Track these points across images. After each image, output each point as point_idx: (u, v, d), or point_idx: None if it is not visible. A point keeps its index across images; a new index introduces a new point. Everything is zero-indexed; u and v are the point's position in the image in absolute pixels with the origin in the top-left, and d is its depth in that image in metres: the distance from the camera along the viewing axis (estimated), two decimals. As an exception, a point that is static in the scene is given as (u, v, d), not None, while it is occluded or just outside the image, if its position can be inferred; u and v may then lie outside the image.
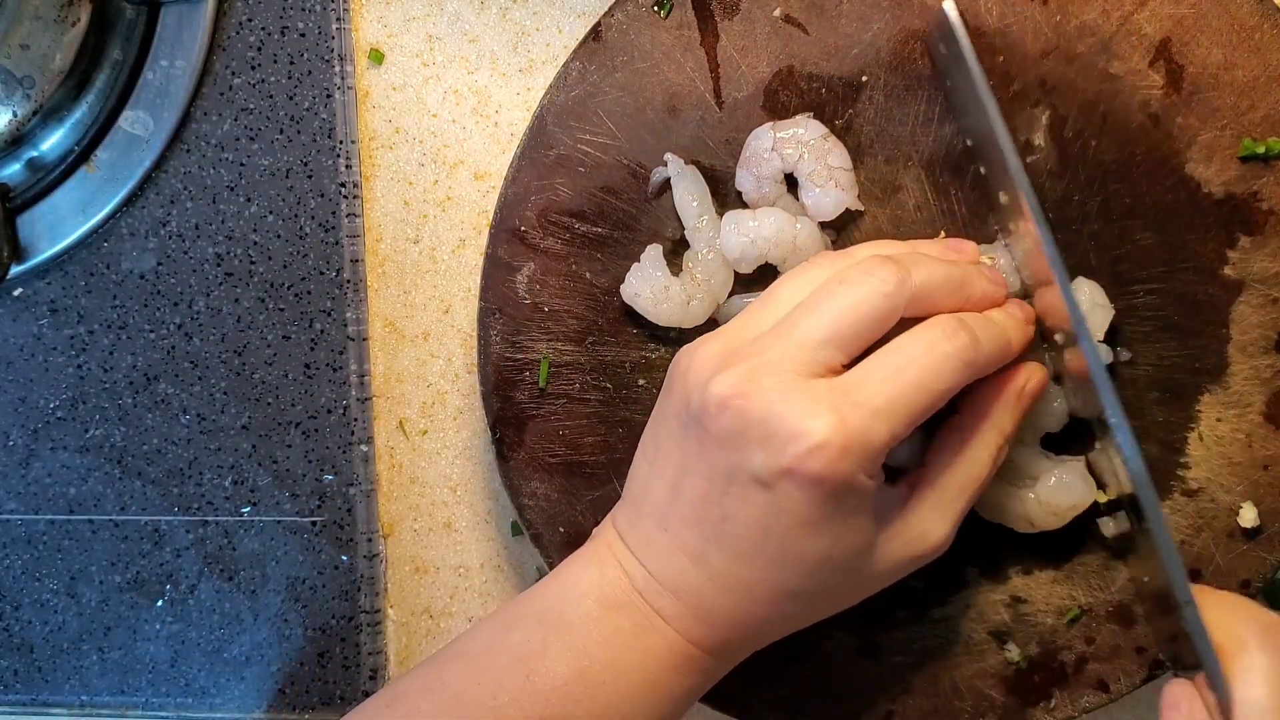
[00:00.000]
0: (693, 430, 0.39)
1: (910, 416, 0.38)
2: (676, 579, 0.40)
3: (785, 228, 0.46)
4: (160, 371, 0.56)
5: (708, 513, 0.39)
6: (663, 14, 0.48)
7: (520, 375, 0.50)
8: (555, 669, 0.40)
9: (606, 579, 0.42)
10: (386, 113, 0.55)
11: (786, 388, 0.38)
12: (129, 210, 0.55)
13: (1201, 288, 0.46)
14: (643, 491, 0.42)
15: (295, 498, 0.55)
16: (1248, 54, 0.45)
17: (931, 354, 0.38)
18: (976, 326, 0.40)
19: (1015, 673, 0.47)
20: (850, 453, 0.37)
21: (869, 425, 0.37)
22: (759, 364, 0.38)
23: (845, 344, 0.39)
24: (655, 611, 0.41)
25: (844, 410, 0.37)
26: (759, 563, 0.39)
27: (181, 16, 0.54)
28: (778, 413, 0.37)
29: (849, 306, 0.39)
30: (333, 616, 0.55)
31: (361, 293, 0.55)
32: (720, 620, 0.41)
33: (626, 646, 0.41)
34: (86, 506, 0.57)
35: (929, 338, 0.39)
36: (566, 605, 0.42)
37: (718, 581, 0.40)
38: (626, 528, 0.42)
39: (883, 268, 0.39)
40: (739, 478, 0.38)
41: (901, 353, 0.39)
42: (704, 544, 0.40)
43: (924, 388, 0.38)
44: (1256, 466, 0.46)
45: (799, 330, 0.39)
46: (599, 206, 0.49)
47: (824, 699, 0.48)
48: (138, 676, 0.57)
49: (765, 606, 0.40)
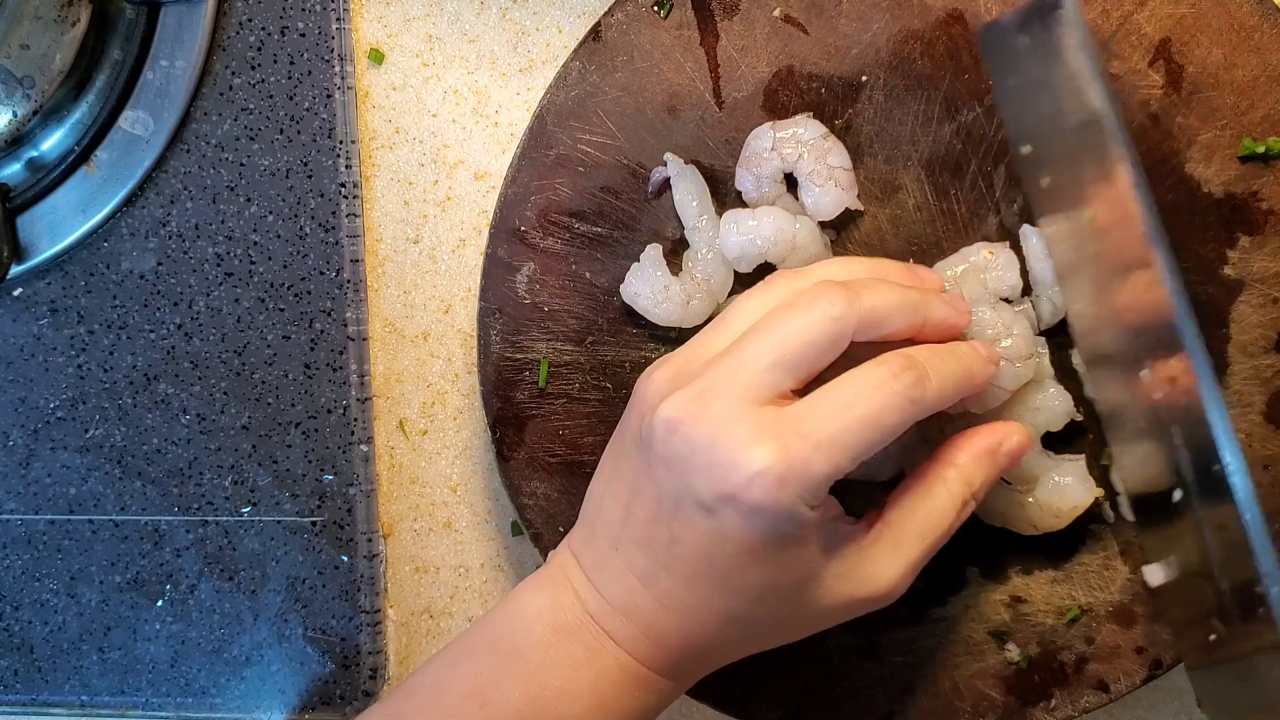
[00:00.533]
0: (643, 453, 0.40)
1: (854, 451, 0.38)
2: (627, 600, 0.41)
3: (784, 227, 0.46)
4: (160, 371, 0.56)
5: (657, 535, 0.40)
6: (662, 14, 0.48)
7: (520, 375, 0.50)
8: (509, 698, 0.41)
9: (559, 604, 0.42)
10: (386, 113, 0.55)
11: (732, 413, 0.38)
12: (129, 210, 0.55)
13: (1201, 287, 0.46)
14: (597, 512, 0.42)
15: (295, 498, 0.55)
16: (1247, 54, 0.45)
17: (878, 391, 0.38)
18: (929, 362, 0.40)
19: (1015, 673, 0.47)
20: (789, 483, 0.37)
21: (810, 457, 0.37)
22: (706, 388, 0.38)
23: (793, 368, 0.38)
24: (607, 634, 0.41)
25: (786, 439, 0.37)
26: (704, 587, 0.39)
27: (181, 16, 0.54)
28: (721, 439, 0.37)
29: (797, 331, 0.39)
30: (333, 616, 0.55)
31: (361, 293, 0.55)
32: (670, 642, 0.41)
33: (579, 671, 0.41)
34: (86, 506, 0.57)
35: (877, 375, 0.38)
36: (518, 633, 0.42)
37: (666, 604, 0.40)
38: (581, 548, 0.43)
39: (831, 292, 0.39)
40: (684, 502, 0.38)
41: (850, 387, 0.38)
42: (653, 566, 0.40)
43: (869, 423, 0.38)
44: (1256, 466, 0.46)
45: (746, 354, 0.39)
46: (599, 206, 0.49)
47: (824, 699, 0.48)
48: (138, 676, 0.57)
49: (711, 630, 0.41)
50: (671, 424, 0.38)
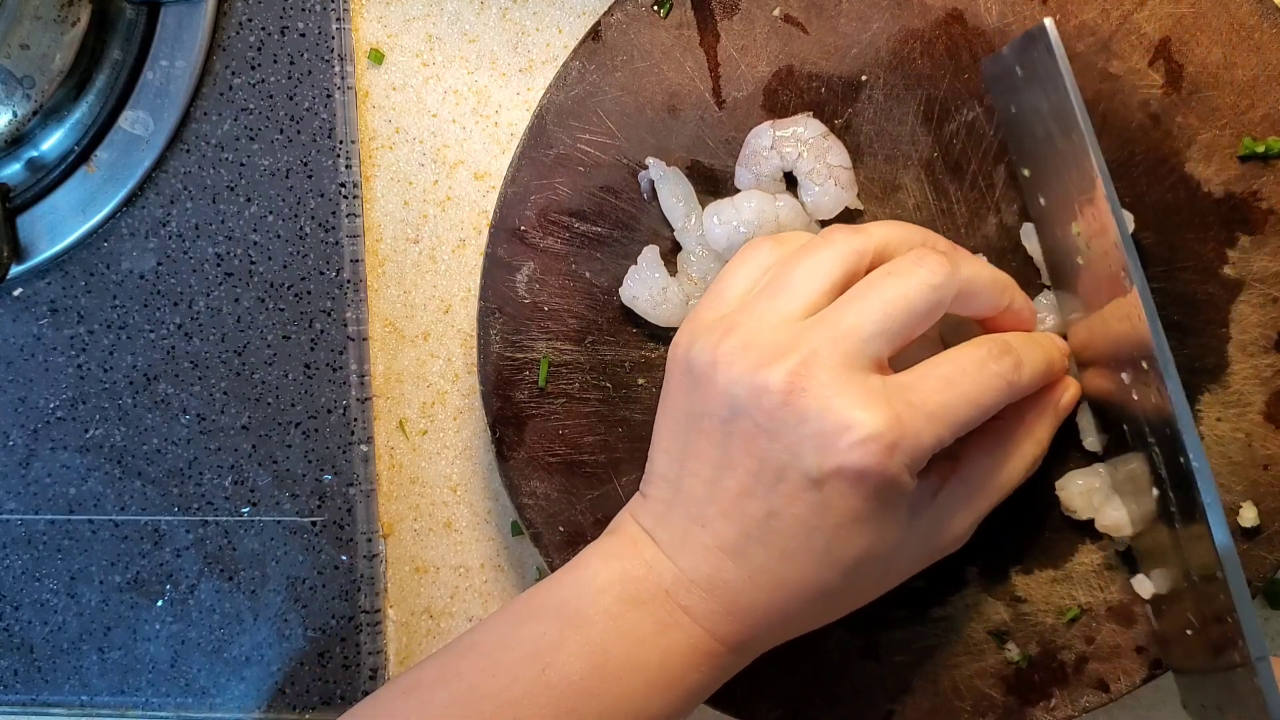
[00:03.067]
0: (737, 425, 0.39)
1: (958, 425, 0.39)
2: (712, 575, 0.40)
3: (765, 208, 0.46)
4: (160, 371, 0.56)
5: (751, 509, 0.39)
6: (662, 13, 0.48)
7: (520, 375, 0.50)
8: (571, 664, 0.40)
9: (629, 575, 0.41)
10: (386, 113, 0.55)
11: (842, 381, 0.37)
12: (129, 210, 0.55)
13: (1201, 287, 0.46)
14: (673, 489, 0.42)
15: (295, 498, 0.55)
16: (1247, 53, 0.45)
17: (981, 370, 0.39)
18: (1021, 350, 0.41)
19: (1015, 672, 0.47)
20: (899, 450, 0.37)
21: (921, 426, 0.37)
22: (808, 357, 0.38)
23: (894, 336, 0.39)
24: (682, 609, 0.41)
25: (899, 407, 0.37)
26: (802, 560, 0.39)
27: (181, 16, 0.54)
28: (833, 406, 0.37)
29: (898, 298, 0.39)
30: (333, 616, 0.55)
31: (361, 293, 0.55)
32: (753, 617, 0.41)
33: (646, 644, 0.40)
34: (86, 506, 0.57)
35: (978, 354, 0.40)
36: (584, 600, 0.41)
37: (756, 578, 0.40)
38: (655, 525, 0.42)
39: (932, 259, 0.39)
40: (789, 475, 0.38)
41: (954, 364, 0.39)
42: (746, 540, 0.39)
43: (972, 401, 0.39)
44: (1256, 466, 0.46)
45: (847, 322, 0.38)
46: (599, 206, 0.49)
47: (824, 699, 0.48)
48: (138, 676, 0.57)
49: (800, 604, 0.41)
50: (778, 394, 0.38)
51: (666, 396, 0.43)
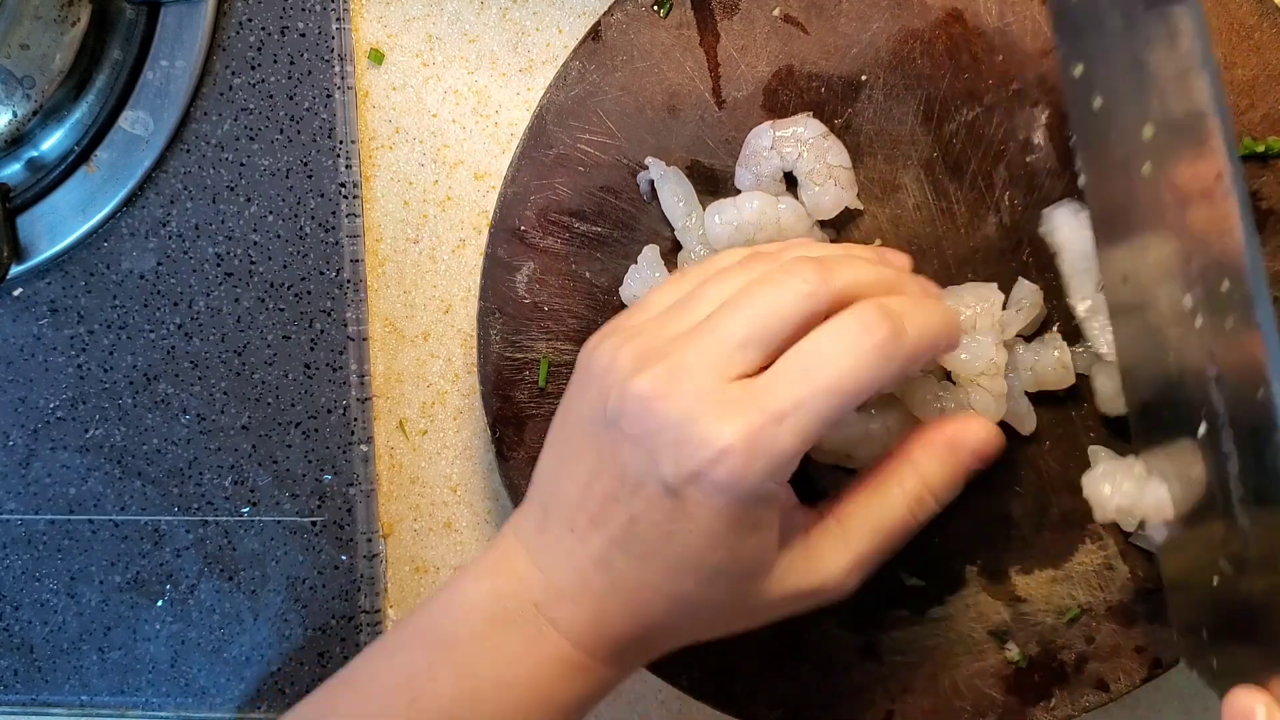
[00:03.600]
0: (610, 430, 0.39)
1: (822, 419, 0.36)
2: (577, 583, 0.40)
3: (767, 209, 0.46)
4: (160, 371, 0.56)
5: (615, 514, 0.39)
6: (662, 13, 0.48)
7: (520, 375, 0.50)
8: (441, 690, 0.40)
9: (499, 593, 0.41)
10: (386, 113, 0.55)
11: (701, 390, 0.37)
12: (129, 210, 0.55)
13: (1201, 287, 0.46)
14: (549, 494, 0.41)
15: (295, 498, 0.55)
16: (1247, 53, 0.45)
17: (847, 352, 0.37)
18: (906, 312, 0.38)
19: (1015, 672, 0.47)
20: (755, 460, 0.36)
21: (775, 432, 0.36)
22: (676, 365, 0.37)
23: (764, 344, 0.38)
24: (550, 622, 0.40)
25: (751, 415, 0.36)
26: (658, 568, 0.39)
27: (181, 16, 0.54)
28: (691, 417, 0.36)
29: (769, 306, 0.38)
30: (333, 616, 0.55)
31: (361, 293, 0.55)
32: (616, 626, 0.40)
33: (516, 662, 0.40)
34: (86, 506, 0.57)
35: (848, 330, 0.37)
36: (454, 623, 0.41)
37: (618, 585, 0.39)
38: (530, 533, 0.42)
39: (804, 267, 0.38)
40: (648, 480, 0.38)
41: (815, 352, 0.37)
42: (609, 546, 0.39)
43: (837, 389, 0.36)
44: (1257, 466, 0.46)
45: (719, 331, 0.38)
46: (599, 206, 0.49)
47: (824, 699, 0.48)
48: (138, 676, 0.57)
49: (659, 613, 0.40)
50: (642, 401, 0.37)
51: (565, 398, 0.42)
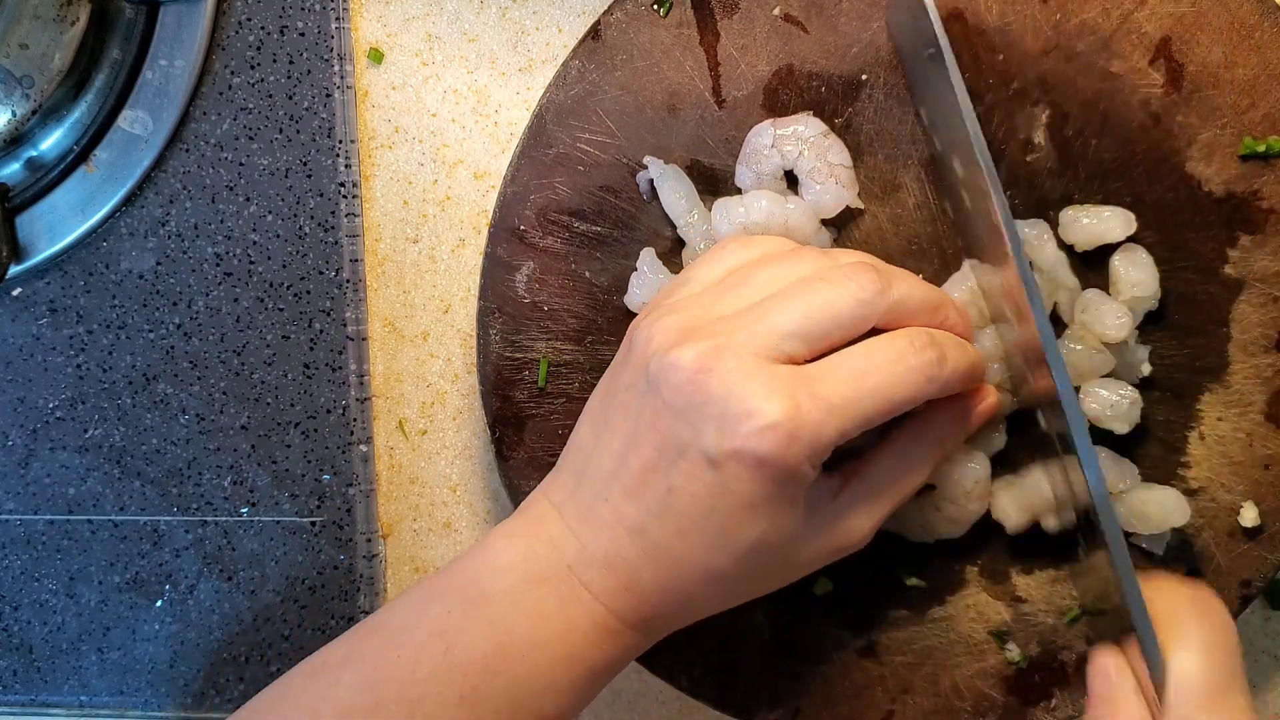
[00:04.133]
0: (649, 400, 0.39)
1: (864, 419, 0.38)
2: (611, 551, 0.41)
3: (775, 210, 0.46)
4: (159, 371, 0.56)
5: (653, 485, 0.39)
6: (662, 13, 0.48)
7: (520, 375, 0.50)
8: (474, 642, 0.40)
9: (534, 553, 0.42)
10: (386, 112, 0.55)
11: (748, 368, 0.38)
12: (128, 210, 0.55)
13: (1202, 286, 0.46)
14: (586, 462, 0.42)
15: (294, 498, 0.55)
16: (1248, 52, 0.45)
17: (897, 365, 0.39)
18: (947, 345, 0.40)
19: (1016, 672, 0.47)
20: (798, 441, 0.37)
21: (822, 419, 0.37)
22: (724, 343, 0.38)
23: (812, 340, 0.39)
24: (583, 585, 0.41)
25: (800, 398, 0.37)
26: (696, 541, 0.39)
27: (181, 16, 0.54)
28: (736, 391, 0.37)
29: (825, 304, 0.39)
30: (332, 617, 0.55)
31: (361, 292, 0.55)
32: (649, 595, 0.41)
33: (549, 620, 0.41)
34: (85, 506, 0.57)
35: (898, 347, 0.39)
36: (488, 579, 0.42)
37: (653, 555, 0.40)
38: (564, 499, 0.42)
39: (865, 274, 0.40)
40: (689, 453, 0.38)
41: (868, 357, 0.39)
42: (645, 516, 0.40)
43: (882, 395, 0.38)
44: (1257, 465, 0.46)
45: (770, 318, 0.39)
46: (598, 205, 0.49)
47: (824, 699, 0.48)
48: (137, 677, 0.57)
49: (694, 585, 0.41)
50: (686, 373, 0.38)
51: (607, 372, 0.43)
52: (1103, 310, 0.44)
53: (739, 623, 0.48)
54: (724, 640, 0.48)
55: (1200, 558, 0.46)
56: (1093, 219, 0.45)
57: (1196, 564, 0.46)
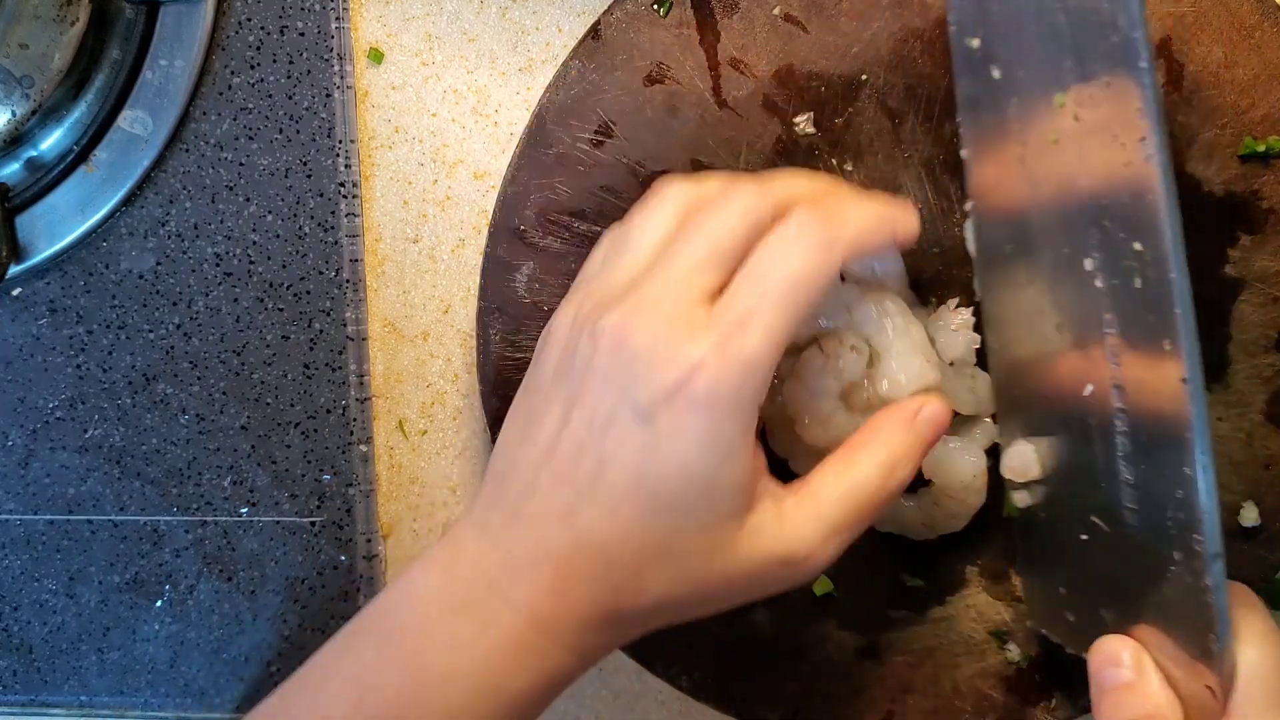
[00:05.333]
0: (575, 379, 0.39)
1: (783, 318, 0.37)
2: (537, 548, 0.39)
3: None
4: (159, 371, 0.56)
5: (584, 462, 0.38)
6: (662, 13, 0.48)
7: (520, 375, 0.50)
8: (388, 684, 0.39)
9: (449, 578, 0.40)
10: (386, 112, 0.55)
11: (667, 314, 0.38)
12: (128, 210, 0.55)
13: (1202, 286, 0.46)
14: (510, 462, 0.41)
15: (294, 498, 0.55)
16: (1248, 52, 0.45)
17: (791, 247, 0.38)
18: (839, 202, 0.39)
19: (1016, 672, 0.47)
20: (728, 368, 0.36)
21: (741, 339, 0.37)
22: (641, 298, 0.38)
23: (720, 263, 0.39)
24: (505, 600, 0.39)
25: (718, 329, 0.37)
26: (628, 513, 0.38)
27: (181, 16, 0.54)
28: (660, 340, 0.37)
29: (717, 228, 0.39)
30: (332, 617, 0.55)
31: (361, 292, 0.55)
32: (577, 595, 0.39)
33: (464, 650, 0.39)
34: (85, 507, 0.57)
35: (786, 233, 0.38)
36: (402, 614, 0.40)
37: (582, 543, 0.38)
38: (486, 511, 0.41)
39: (742, 188, 0.40)
40: (619, 416, 0.38)
41: (762, 258, 0.38)
42: (575, 498, 0.38)
43: (792, 283, 0.38)
44: (1258, 465, 0.46)
45: (674, 261, 0.39)
46: (599, 205, 0.49)
47: (824, 699, 0.48)
48: (137, 677, 0.57)
49: (631, 572, 0.38)
50: (609, 337, 0.38)
51: (527, 373, 0.42)
52: None
53: (739, 623, 0.48)
54: (724, 640, 0.48)
55: (1200, 558, 0.46)
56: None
57: (1196, 564, 0.46)
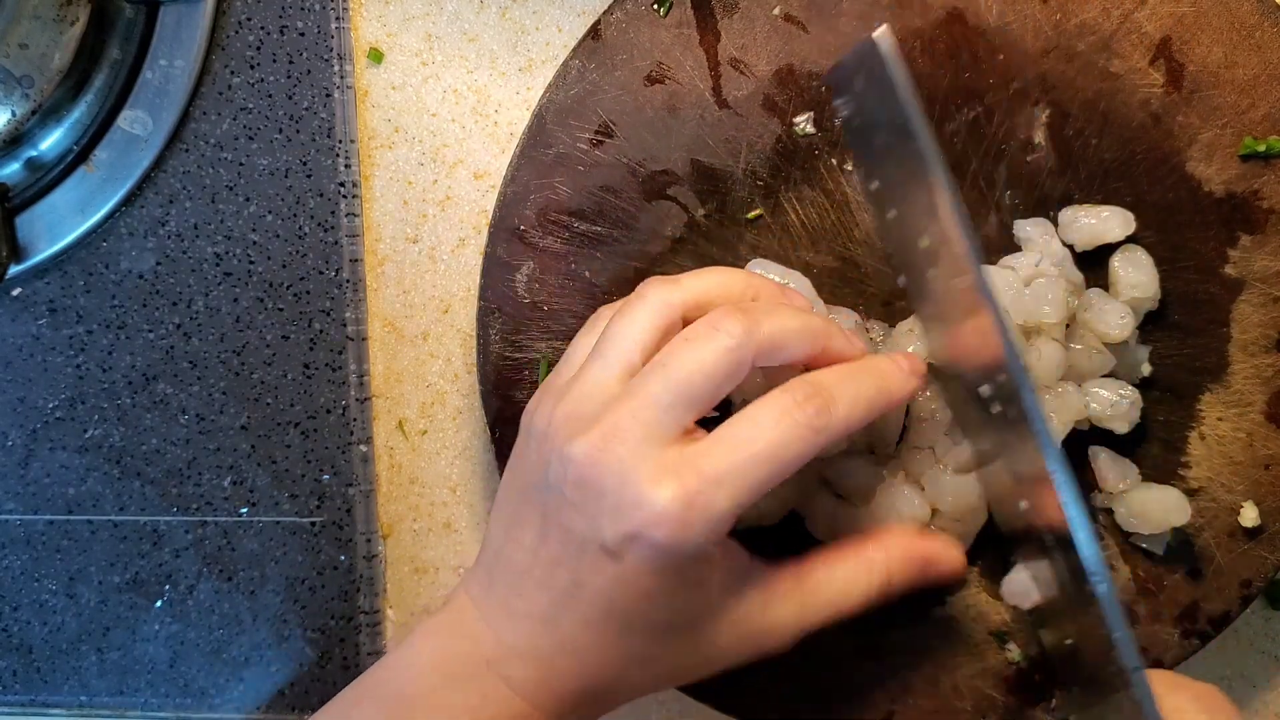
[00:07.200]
0: (550, 495, 0.39)
1: (756, 484, 0.37)
2: (526, 644, 0.40)
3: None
4: (159, 371, 0.56)
5: (560, 577, 0.39)
6: (662, 13, 0.48)
7: (520, 375, 0.50)
8: None
9: (452, 651, 0.42)
10: (386, 112, 0.55)
11: (638, 455, 0.37)
12: (128, 210, 0.55)
13: (1202, 286, 0.46)
14: (496, 557, 0.42)
15: (294, 498, 0.55)
16: (1248, 52, 0.45)
17: (781, 422, 0.38)
18: (836, 386, 0.39)
19: (1016, 673, 0.47)
20: (691, 523, 0.37)
21: (712, 495, 0.37)
22: (610, 428, 0.38)
23: (695, 404, 0.38)
24: (503, 679, 0.41)
25: (687, 478, 0.37)
26: (605, 628, 0.39)
27: (180, 16, 0.54)
28: (628, 479, 0.37)
29: (694, 366, 0.38)
30: (332, 617, 0.55)
31: (360, 292, 0.55)
32: (568, 684, 0.41)
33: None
34: (85, 507, 0.57)
35: (781, 404, 0.38)
36: (407, 681, 0.42)
37: (566, 647, 0.40)
38: (481, 595, 0.42)
39: (727, 321, 0.39)
40: (589, 546, 0.38)
41: (752, 420, 0.38)
42: (555, 609, 0.40)
43: (770, 458, 0.37)
44: (1258, 465, 0.46)
45: (646, 393, 0.38)
46: (598, 205, 0.49)
47: (824, 699, 0.48)
48: (137, 677, 0.57)
49: (611, 672, 0.41)
50: (578, 467, 0.38)
51: (511, 458, 0.43)
52: (1105, 310, 0.44)
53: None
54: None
55: (1200, 558, 0.46)
56: (1092, 219, 0.45)
57: (1197, 564, 0.46)
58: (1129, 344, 0.45)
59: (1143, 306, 0.45)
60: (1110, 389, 0.44)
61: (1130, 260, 0.45)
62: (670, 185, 0.49)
